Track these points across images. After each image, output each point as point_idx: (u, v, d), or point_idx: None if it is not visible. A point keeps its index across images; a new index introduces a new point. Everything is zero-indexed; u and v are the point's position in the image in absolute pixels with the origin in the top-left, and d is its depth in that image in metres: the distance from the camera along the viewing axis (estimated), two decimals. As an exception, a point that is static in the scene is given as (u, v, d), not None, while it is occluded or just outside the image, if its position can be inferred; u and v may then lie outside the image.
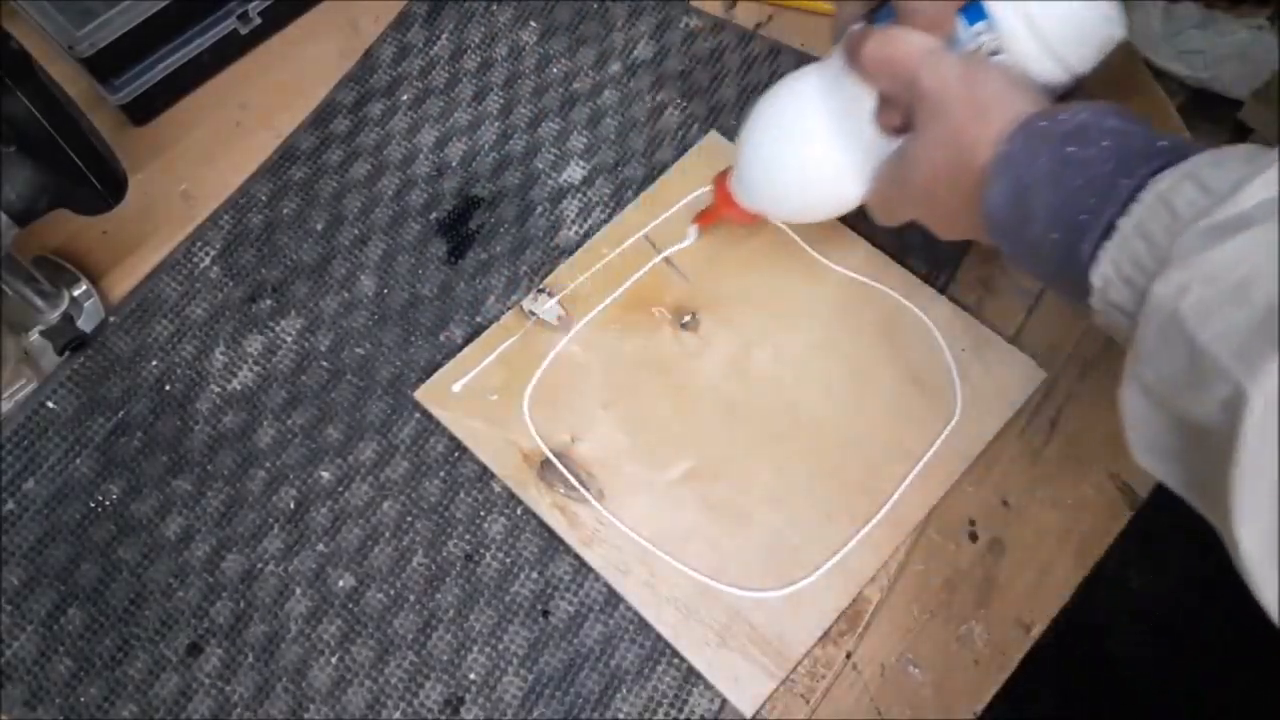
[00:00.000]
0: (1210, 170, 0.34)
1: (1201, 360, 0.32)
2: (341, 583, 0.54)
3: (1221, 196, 0.33)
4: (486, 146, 0.66)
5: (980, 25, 0.46)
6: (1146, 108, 0.61)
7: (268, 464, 0.57)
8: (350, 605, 0.54)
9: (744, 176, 0.55)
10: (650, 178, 0.64)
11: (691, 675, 0.51)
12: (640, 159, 0.65)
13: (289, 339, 0.61)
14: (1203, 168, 0.34)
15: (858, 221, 0.62)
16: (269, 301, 0.62)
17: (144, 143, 0.67)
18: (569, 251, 0.62)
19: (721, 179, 0.57)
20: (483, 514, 0.55)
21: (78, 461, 0.57)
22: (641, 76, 0.68)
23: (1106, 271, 0.36)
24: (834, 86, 0.49)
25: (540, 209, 0.64)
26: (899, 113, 0.46)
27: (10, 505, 0.56)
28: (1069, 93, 0.46)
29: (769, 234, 0.61)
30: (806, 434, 0.56)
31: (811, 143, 0.50)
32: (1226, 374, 0.31)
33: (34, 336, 0.60)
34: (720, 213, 0.59)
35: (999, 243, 0.42)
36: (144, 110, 0.67)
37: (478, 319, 0.61)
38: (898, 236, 0.62)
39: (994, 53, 0.46)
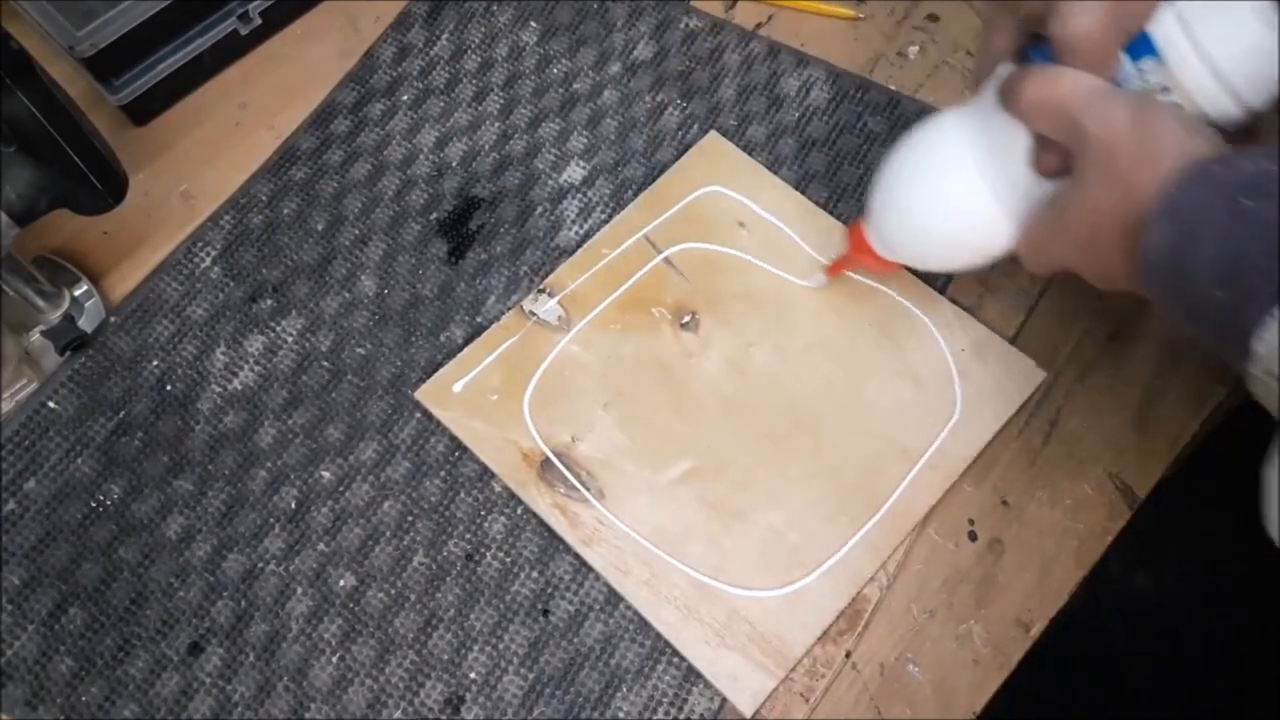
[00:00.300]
0: None
1: None
2: (342, 582, 0.54)
3: None
4: (487, 147, 0.66)
5: (1148, 61, 0.43)
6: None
7: (268, 464, 0.57)
8: (351, 605, 0.54)
9: (883, 224, 0.53)
10: (650, 178, 0.64)
11: (691, 674, 0.51)
12: (640, 159, 0.65)
13: (290, 339, 0.61)
14: None
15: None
16: (270, 301, 0.62)
17: (144, 143, 0.67)
18: (569, 251, 0.62)
19: (856, 226, 0.55)
20: (483, 514, 0.56)
21: (79, 461, 0.57)
22: (641, 77, 0.68)
23: (1273, 340, 0.33)
24: (982, 128, 0.47)
25: (540, 209, 0.64)
26: (1058, 155, 0.43)
27: (11, 505, 0.56)
28: (1244, 133, 0.43)
29: (768, 235, 0.61)
30: (806, 434, 0.56)
31: (959, 187, 0.48)
32: None
33: (35, 337, 0.60)
34: (855, 262, 0.56)
35: (1155, 295, 0.39)
36: (144, 110, 0.67)
37: (478, 319, 0.61)
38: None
39: (1162, 90, 0.43)
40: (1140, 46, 0.43)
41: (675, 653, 0.52)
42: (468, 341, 0.60)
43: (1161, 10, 0.43)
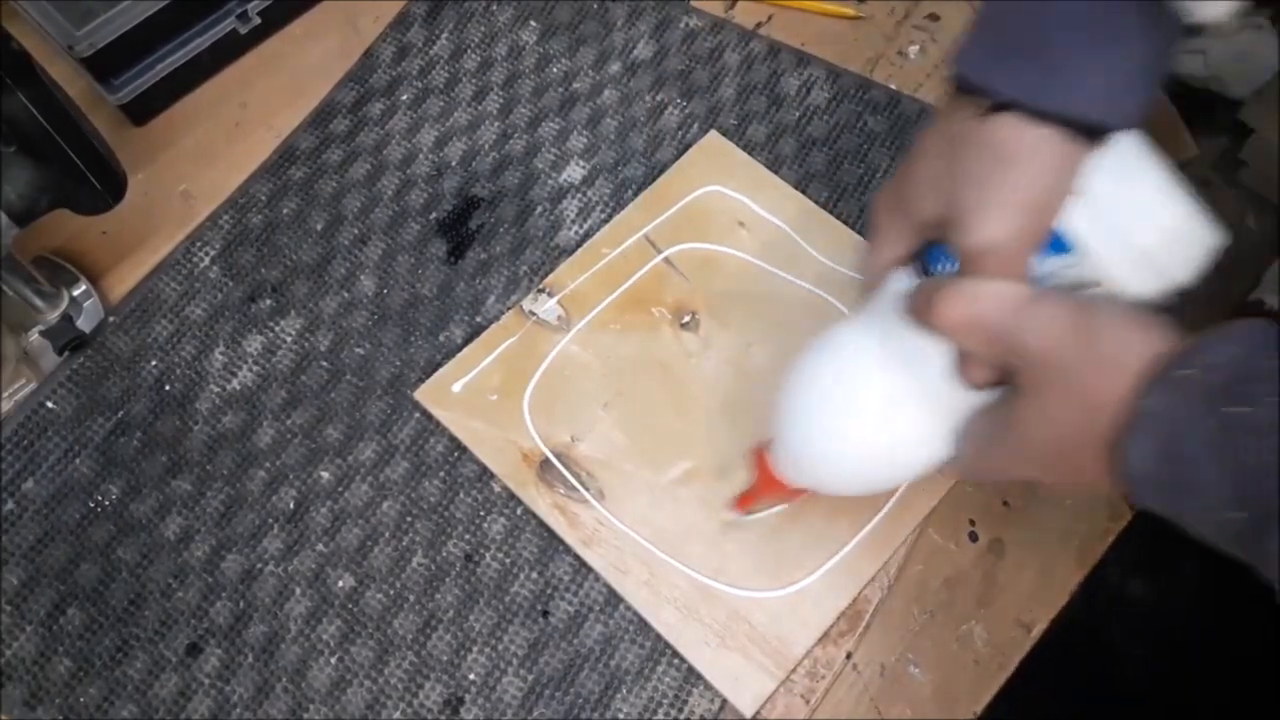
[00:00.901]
0: None
1: None
2: (341, 583, 0.54)
3: None
4: (486, 146, 0.66)
5: (1064, 258, 0.41)
6: (1155, 124, 0.61)
7: (267, 464, 0.57)
8: (350, 605, 0.54)
9: (791, 452, 0.48)
10: (650, 177, 0.64)
11: (691, 675, 0.51)
12: (640, 159, 0.65)
13: (289, 339, 0.60)
14: None
15: (857, 220, 0.62)
16: (269, 301, 0.62)
17: (144, 143, 0.67)
18: (569, 251, 0.62)
19: (761, 454, 0.50)
20: (482, 514, 0.55)
21: (77, 461, 0.57)
22: (641, 76, 0.68)
23: None
24: (887, 341, 0.44)
25: (540, 209, 0.64)
26: (988, 369, 0.40)
27: (10, 505, 0.56)
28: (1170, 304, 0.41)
29: (768, 234, 0.61)
30: (806, 434, 0.56)
31: (872, 408, 0.44)
32: None
33: (34, 336, 0.60)
34: (763, 494, 0.52)
35: (1149, 504, 0.36)
36: (143, 110, 0.67)
37: (478, 319, 0.61)
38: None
39: (1081, 284, 0.41)
40: (1053, 245, 0.41)
41: (675, 654, 0.52)
42: (467, 341, 0.60)
43: (1071, 206, 0.40)
